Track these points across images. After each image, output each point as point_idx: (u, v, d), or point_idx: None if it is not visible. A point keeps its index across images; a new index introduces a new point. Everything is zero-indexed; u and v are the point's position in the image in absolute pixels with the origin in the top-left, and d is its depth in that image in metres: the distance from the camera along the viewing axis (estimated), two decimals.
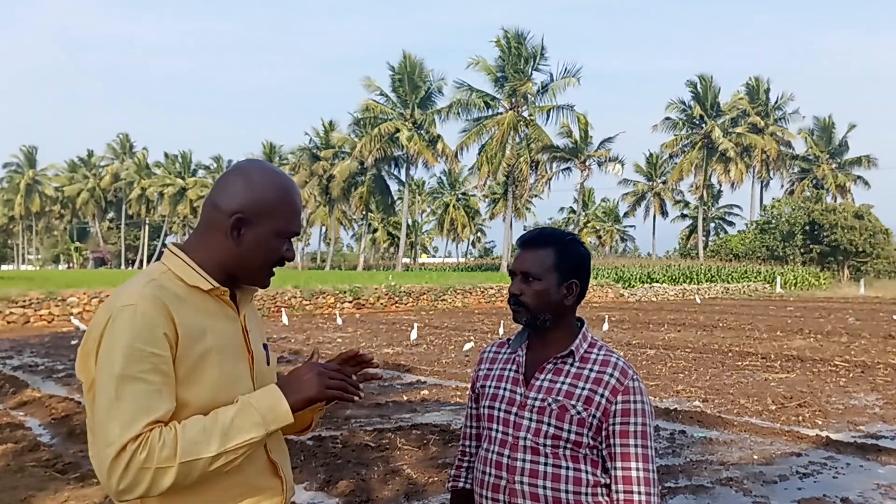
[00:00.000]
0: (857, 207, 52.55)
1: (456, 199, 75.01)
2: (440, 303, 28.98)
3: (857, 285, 45.94)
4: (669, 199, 67.54)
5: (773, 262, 50.51)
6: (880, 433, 7.83)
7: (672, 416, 8.58)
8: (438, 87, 49.51)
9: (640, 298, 36.77)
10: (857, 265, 51.08)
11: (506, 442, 1.93)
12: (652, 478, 1.85)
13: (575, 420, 1.86)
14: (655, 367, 12.63)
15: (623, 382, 1.88)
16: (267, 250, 1.73)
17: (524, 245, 2.00)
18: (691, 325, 21.16)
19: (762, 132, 56.40)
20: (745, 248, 53.96)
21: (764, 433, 7.81)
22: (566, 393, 1.89)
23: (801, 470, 6.45)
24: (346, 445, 7.16)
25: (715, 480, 6.10)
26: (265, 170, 1.74)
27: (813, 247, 51.18)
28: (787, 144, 59.13)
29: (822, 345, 15.90)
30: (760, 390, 10.37)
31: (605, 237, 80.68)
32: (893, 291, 43.00)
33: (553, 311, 1.94)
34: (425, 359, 13.63)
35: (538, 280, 1.93)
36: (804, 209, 53.09)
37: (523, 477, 1.88)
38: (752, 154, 56.49)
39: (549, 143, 45.86)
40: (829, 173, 59.30)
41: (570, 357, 1.93)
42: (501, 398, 1.97)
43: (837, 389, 10.47)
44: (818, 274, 48.99)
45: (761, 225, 55.73)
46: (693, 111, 56.64)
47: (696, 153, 56.56)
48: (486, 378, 2.05)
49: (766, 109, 57.83)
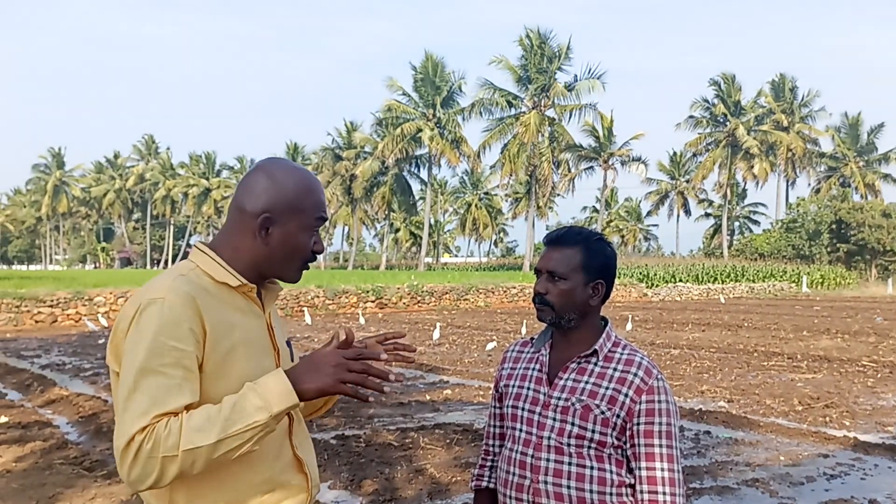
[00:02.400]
0: (885, 206, 51.78)
1: (478, 199, 74.94)
2: (462, 302, 28.97)
3: (886, 285, 45.29)
4: (693, 198, 66.99)
5: (799, 262, 49.92)
6: None
7: (697, 417, 8.52)
8: (460, 86, 49.52)
9: (663, 298, 36.53)
10: (885, 264, 50.34)
11: (529, 441, 1.92)
12: (677, 478, 1.84)
13: (599, 420, 1.85)
14: (680, 367, 12.54)
15: (647, 382, 1.87)
16: (296, 246, 1.74)
17: (551, 244, 1.99)
18: (716, 324, 20.98)
19: (787, 129, 55.77)
20: (771, 247, 53.38)
21: (790, 434, 7.73)
22: (590, 392, 1.88)
23: (828, 471, 6.38)
24: (369, 444, 7.18)
25: (741, 481, 6.05)
26: (286, 167, 1.76)
27: (840, 246, 50.52)
28: (813, 142, 58.42)
29: (850, 345, 15.70)
30: (787, 391, 10.26)
31: (629, 237, 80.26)
32: None
33: (578, 310, 1.93)
34: (448, 358, 13.63)
35: (564, 279, 1.92)
36: (831, 208, 52.41)
37: (547, 476, 1.87)
38: (776, 152, 55.89)
39: (572, 142, 45.70)
40: (857, 171, 58.51)
41: (594, 356, 1.93)
42: (525, 398, 1.97)
43: (865, 390, 10.33)
44: (845, 273, 48.34)
45: (787, 224, 55.09)
46: (716, 109, 56.15)
47: (720, 151, 56.08)
48: (510, 377, 2.05)
49: (792, 107, 57.15)
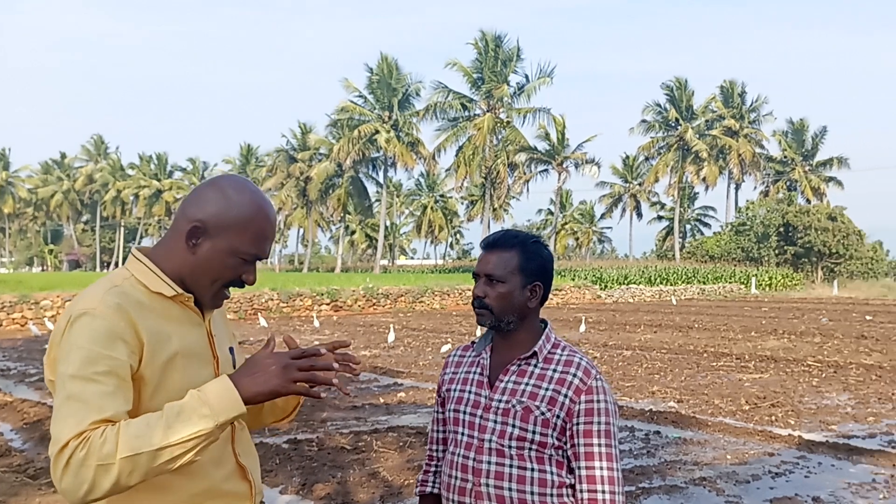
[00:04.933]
0: (830, 209, 53.18)
1: (434, 201, 75.01)
2: (418, 304, 28.96)
3: (831, 286, 46.53)
4: (645, 201, 68.02)
5: (748, 264, 51.00)
6: (852, 433, 7.93)
7: (648, 417, 8.64)
8: (416, 89, 49.53)
9: (616, 300, 36.99)
10: (830, 266, 51.70)
11: (471, 445, 1.93)
12: (616, 476, 1.86)
13: (539, 421, 1.87)
14: (632, 369, 12.70)
15: (586, 382, 1.89)
16: (221, 266, 1.68)
17: (488, 247, 2.00)
18: (667, 326, 21.31)
19: (737, 134, 56.99)
20: (721, 249, 54.43)
21: (738, 433, 7.88)
22: (530, 394, 1.89)
23: (773, 469, 6.51)
24: (322, 448, 7.13)
25: (688, 480, 6.14)
26: (241, 187, 1.71)
27: (787, 248, 51.74)
28: (761, 146, 59.81)
29: (796, 345, 16.07)
30: (734, 390, 10.46)
31: (583, 239, 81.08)
32: (866, 292, 43.62)
33: (517, 313, 1.95)
34: (403, 361, 13.61)
35: (502, 282, 1.94)
36: (778, 211, 53.66)
37: (489, 479, 1.88)
38: (726, 156, 57.08)
39: (526, 145, 46.02)
40: (803, 175, 60.04)
41: (534, 358, 1.94)
42: (466, 401, 1.98)
43: (810, 389, 10.59)
44: (792, 275, 49.53)
45: (736, 227, 56.25)
46: (668, 114, 57.16)
47: (671, 155, 57.08)
48: (452, 382, 2.06)
49: (741, 112, 58.44)
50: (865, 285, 47.76)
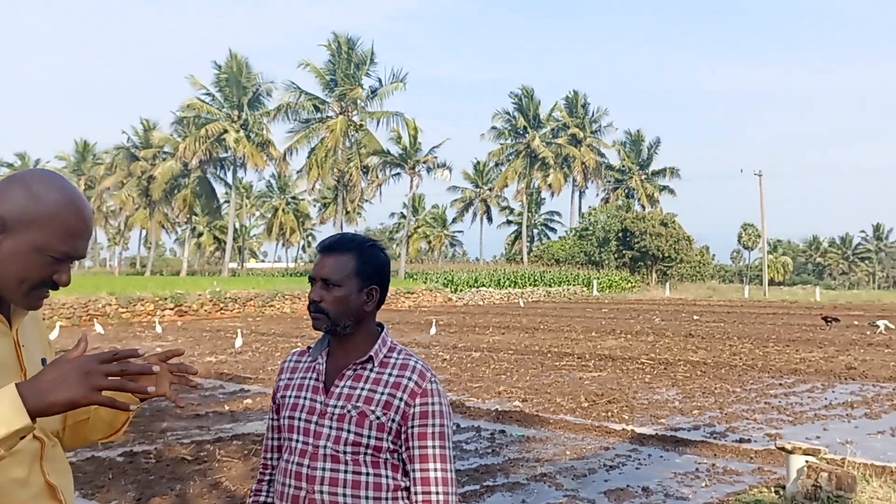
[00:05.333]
0: (663, 216, 56.81)
1: (286, 203, 73.62)
2: (268, 309, 28.31)
3: (664, 288, 49.68)
4: (496, 206, 69.87)
5: (590, 267, 53.54)
6: (679, 425, 8.48)
7: (493, 417, 8.87)
8: (268, 89, 48.46)
9: (467, 302, 37.72)
10: (663, 269, 55.18)
11: (305, 452, 1.90)
12: (450, 477, 1.89)
13: (374, 425, 1.87)
14: (479, 370, 12.99)
15: (421, 385, 1.91)
16: (26, 265, 1.54)
17: (324, 251, 1.98)
18: (515, 327, 21.96)
19: (580, 143, 59.77)
20: (566, 253, 56.84)
21: (577, 429, 8.24)
22: (366, 399, 1.89)
23: (608, 463, 6.86)
24: (160, 460, 6.81)
25: (530, 477, 6.35)
26: (53, 184, 1.57)
27: (625, 252, 54.75)
28: (602, 155, 63.04)
29: (632, 344, 17.02)
30: (575, 389, 10.93)
31: (435, 242, 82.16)
32: (694, 293, 46.89)
33: (353, 317, 1.94)
34: (250, 366, 13.25)
35: (338, 286, 1.92)
36: (617, 217, 56.71)
37: (323, 486, 1.86)
38: (571, 164, 59.72)
39: (379, 149, 46.08)
40: (639, 183, 63.78)
41: (370, 362, 1.94)
42: (302, 407, 1.95)
43: (643, 386, 11.24)
44: (630, 278, 52.48)
45: (579, 231, 58.96)
46: (517, 122, 59.12)
47: (519, 162, 59.04)
48: (287, 388, 2.02)
49: (584, 122, 61.34)
50: (694, 287, 51.39)
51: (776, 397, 10.28)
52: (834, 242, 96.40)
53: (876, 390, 10.82)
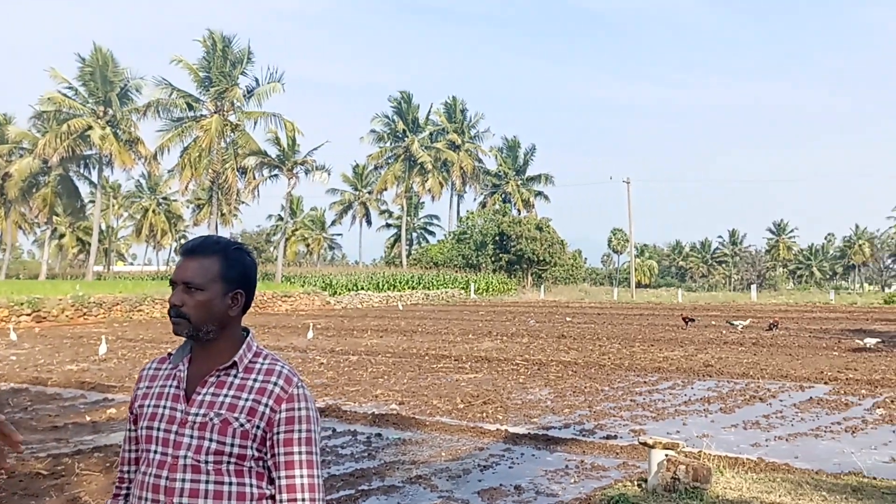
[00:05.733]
0: (538, 220, 58.40)
1: (157, 204, 70.70)
2: (136, 314, 27.09)
3: (539, 291, 51.07)
4: (375, 209, 69.77)
5: (468, 270, 54.34)
6: (550, 424, 8.73)
7: (370, 420, 8.84)
8: (137, 85, 46.33)
9: (346, 306, 37.45)
10: (538, 272, 56.72)
11: (164, 463, 1.83)
12: (317, 483, 1.86)
13: (238, 433, 1.82)
14: (357, 373, 12.92)
15: (288, 390, 1.87)
16: None
17: (187, 253, 1.92)
18: (393, 330, 21.99)
19: (459, 148, 60.60)
20: (444, 256, 57.44)
21: (452, 431, 8.33)
22: (229, 406, 1.84)
23: (482, 463, 6.97)
24: (12, 476, 6.38)
25: (406, 479, 6.38)
26: None
27: (502, 256, 55.91)
28: (480, 160, 64.17)
29: (507, 346, 17.39)
30: (451, 390, 11.06)
31: (314, 245, 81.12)
32: (567, 295, 48.45)
33: (217, 322, 1.88)
34: (115, 374, 12.63)
35: (201, 290, 1.86)
36: (494, 221, 57.86)
37: (182, 498, 1.79)
38: (449, 168, 60.43)
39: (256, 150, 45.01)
40: (516, 188, 65.31)
41: (234, 368, 1.89)
42: (161, 417, 1.87)
43: (517, 386, 11.50)
44: (506, 280, 53.63)
45: (458, 235, 59.74)
46: (396, 125, 59.31)
47: (399, 165, 59.21)
48: (145, 397, 1.94)
49: (462, 127, 62.24)
50: (567, 289, 53.12)
51: (641, 395, 10.77)
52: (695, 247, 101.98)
53: (730, 386, 11.53)
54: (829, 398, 10.37)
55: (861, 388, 11.18)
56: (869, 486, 5.87)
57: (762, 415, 9.26)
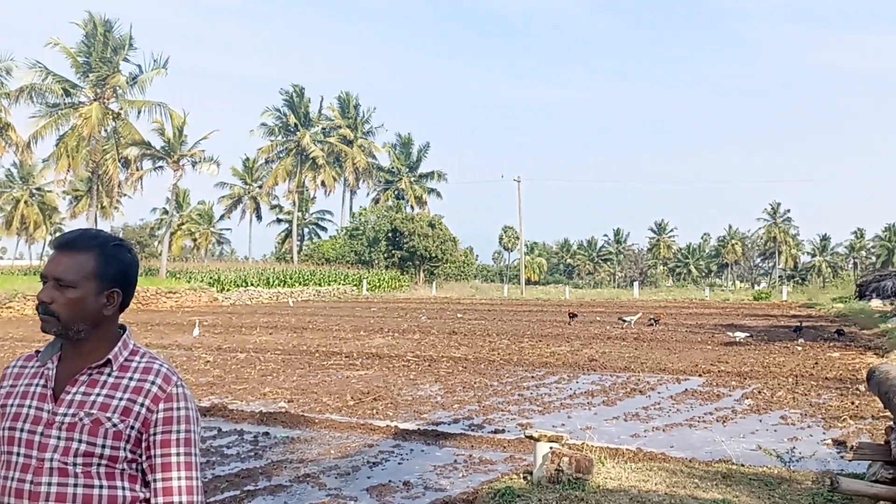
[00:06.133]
0: (431, 217, 58.75)
1: (29, 195, 66.81)
2: (4, 311, 25.58)
3: (431, 287, 51.40)
4: (266, 204, 68.32)
5: (360, 266, 54.06)
6: (440, 419, 8.81)
7: (258, 419, 8.68)
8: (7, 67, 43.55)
9: (234, 302, 36.57)
10: (430, 269, 57.07)
11: (28, 466, 1.73)
12: (196, 485, 1.80)
13: (110, 433, 1.74)
14: (245, 371, 12.65)
15: (166, 390, 1.81)
16: None
17: (60, 248, 1.81)
18: (283, 327, 21.63)
19: (352, 143, 60.20)
20: (336, 252, 56.93)
21: (342, 428, 8.28)
22: (101, 405, 1.76)
23: (372, 459, 6.97)
24: None
25: (294, 478, 6.29)
26: None
27: (395, 252, 55.92)
28: (373, 156, 63.95)
29: (398, 342, 17.42)
30: (342, 387, 10.99)
31: (201, 240, 78.68)
32: (458, 292, 48.99)
33: (89, 321, 1.79)
34: None
35: (73, 288, 1.77)
36: (388, 217, 57.81)
37: (48, 503, 1.71)
38: (342, 163, 59.94)
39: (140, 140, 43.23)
40: (409, 185, 65.45)
41: (108, 366, 1.81)
42: (25, 417, 1.77)
43: (408, 382, 11.55)
44: (399, 277, 53.68)
45: (350, 231, 59.35)
46: (288, 119, 58.31)
47: (290, 160, 58.23)
48: (9, 396, 1.83)
49: (356, 122, 61.87)
50: (458, 286, 53.72)
51: (528, 389, 11.02)
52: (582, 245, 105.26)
53: (613, 379, 11.96)
54: (703, 390, 10.92)
55: (731, 380, 11.83)
56: (737, 472, 6.22)
57: (642, 407, 9.66)
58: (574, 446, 6.60)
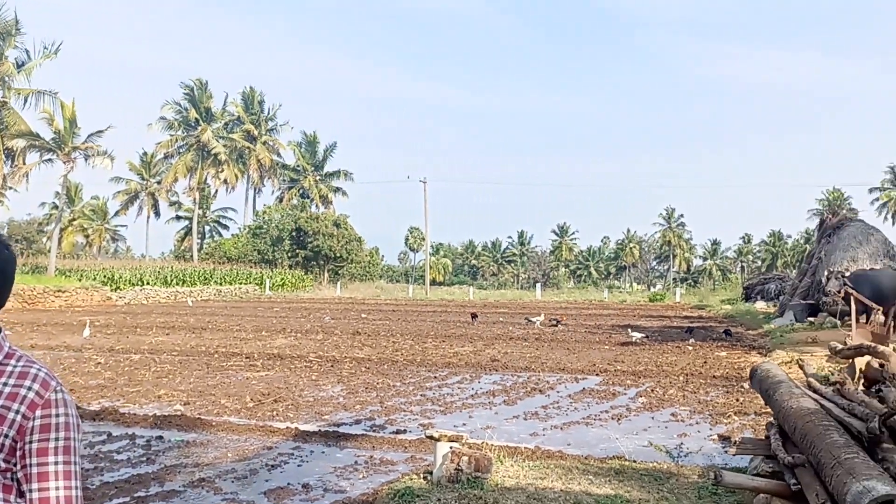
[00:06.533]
0: (336, 216, 58.24)
1: None
2: None
3: (335, 287, 50.97)
4: (164, 200, 66.14)
5: (263, 266, 53.06)
6: (342, 420, 8.76)
7: (151, 423, 8.40)
8: None
9: (129, 302, 35.28)
10: (335, 269, 56.58)
11: None
12: (75, 495, 1.73)
13: None
14: (139, 373, 12.22)
15: (44, 395, 1.73)
16: None
17: None
18: (181, 327, 21.01)
19: (256, 140, 59.00)
20: (239, 251, 55.68)
21: (240, 431, 8.11)
22: None
23: (270, 462, 6.85)
24: None
25: (188, 483, 6.12)
26: None
27: (299, 251, 55.16)
28: (278, 154, 62.88)
29: (301, 343, 17.19)
30: (241, 389, 10.76)
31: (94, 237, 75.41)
32: (363, 292, 48.76)
33: None
34: None
35: None
36: (292, 216, 56.95)
37: None
38: (246, 160, 58.68)
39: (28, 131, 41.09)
40: (314, 184, 64.68)
41: None
42: None
43: (310, 383, 11.42)
44: (303, 277, 52.99)
45: (254, 230, 58.14)
46: (188, 114, 56.64)
47: (191, 156, 56.60)
48: None
49: (260, 119, 60.67)
50: (363, 286, 53.48)
51: (431, 389, 11.08)
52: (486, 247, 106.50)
53: (514, 379, 12.17)
54: (600, 389, 11.25)
55: (627, 379, 12.23)
56: (629, 468, 6.44)
57: (541, 406, 9.86)
58: (474, 446, 6.68)
